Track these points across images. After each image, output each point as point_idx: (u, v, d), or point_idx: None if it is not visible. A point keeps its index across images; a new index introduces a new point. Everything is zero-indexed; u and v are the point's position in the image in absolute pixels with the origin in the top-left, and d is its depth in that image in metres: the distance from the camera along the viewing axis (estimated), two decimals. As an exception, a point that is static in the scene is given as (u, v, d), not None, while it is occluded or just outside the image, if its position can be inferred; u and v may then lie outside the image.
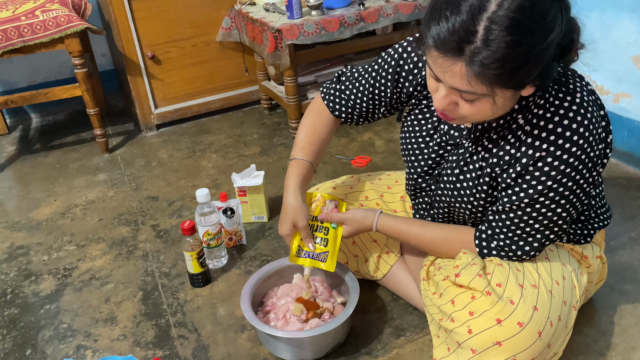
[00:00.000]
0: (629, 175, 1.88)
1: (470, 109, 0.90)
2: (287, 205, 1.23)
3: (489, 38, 0.79)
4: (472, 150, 1.07)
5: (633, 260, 1.48)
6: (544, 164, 0.96)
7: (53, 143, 2.47)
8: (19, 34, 1.96)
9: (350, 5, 2.23)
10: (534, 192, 0.99)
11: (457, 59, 0.83)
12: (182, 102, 2.51)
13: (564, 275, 1.09)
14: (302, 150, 1.27)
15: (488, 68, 0.81)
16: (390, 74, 1.18)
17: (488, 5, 0.79)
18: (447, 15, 0.81)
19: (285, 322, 1.25)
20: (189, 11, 2.35)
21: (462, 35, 0.80)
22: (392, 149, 2.19)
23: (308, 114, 1.32)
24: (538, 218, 1.02)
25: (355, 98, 1.25)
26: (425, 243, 1.19)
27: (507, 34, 0.79)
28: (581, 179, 0.97)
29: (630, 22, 1.81)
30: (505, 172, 1.02)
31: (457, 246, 1.14)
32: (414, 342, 1.28)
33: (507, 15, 0.79)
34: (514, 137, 0.99)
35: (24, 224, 1.86)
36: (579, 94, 0.96)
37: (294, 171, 1.25)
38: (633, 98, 1.89)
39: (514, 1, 0.79)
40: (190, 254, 1.44)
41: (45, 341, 1.37)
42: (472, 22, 0.80)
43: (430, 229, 1.19)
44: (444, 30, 0.81)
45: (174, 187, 2.03)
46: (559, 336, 1.04)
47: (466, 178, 1.09)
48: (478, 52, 0.80)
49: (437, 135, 1.15)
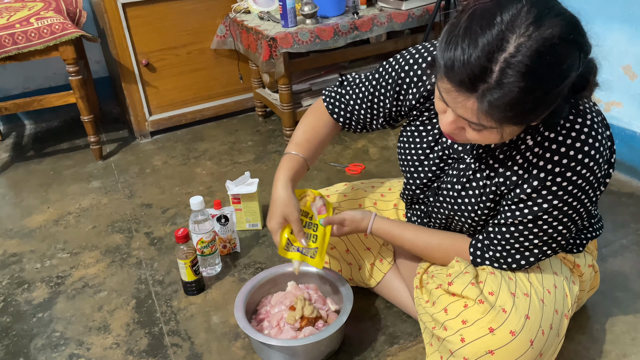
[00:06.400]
0: (621, 184, 1.89)
1: (476, 135, 0.89)
2: (278, 198, 1.18)
3: (503, 81, 0.77)
4: (475, 168, 1.07)
5: (625, 268, 1.49)
6: (553, 184, 0.96)
7: (47, 150, 2.46)
8: (13, 42, 1.96)
9: (345, 14, 2.24)
10: (539, 210, 0.99)
11: (469, 95, 0.81)
12: (177, 110, 2.51)
13: (556, 284, 1.10)
14: (297, 145, 1.24)
15: (498, 109, 0.80)
16: (391, 84, 1.16)
17: (507, 46, 0.76)
18: (463, 47, 0.78)
19: (279, 330, 1.25)
20: (183, 19, 2.35)
21: (477, 72, 0.78)
22: (386, 156, 2.20)
23: (308, 114, 1.31)
24: (539, 234, 1.02)
25: (355, 104, 1.24)
26: (418, 248, 1.19)
27: (522, 79, 0.76)
28: (586, 198, 0.98)
29: (620, 32, 1.84)
30: (512, 192, 1.01)
31: (450, 253, 1.15)
32: (407, 350, 1.28)
33: (523, 61, 0.76)
34: (522, 158, 0.98)
35: (17, 232, 1.86)
36: (589, 115, 0.95)
37: (287, 165, 1.21)
38: (624, 107, 1.91)
39: (532, 45, 0.76)
40: (184, 261, 1.44)
41: (38, 350, 1.36)
42: (488, 62, 0.77)
43: (424, 234, 1.19)
44: (460, 65, 0.79)
45: (168, 195, 2.02)
46: (551, 345, 1.04)
47: (468, 194, 1.08)
48: (489, 92, 0.78)
49: (438, 147, 1.14)
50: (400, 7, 2.23)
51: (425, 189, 1.20)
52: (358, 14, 2.19)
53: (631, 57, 1.83)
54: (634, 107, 1.88)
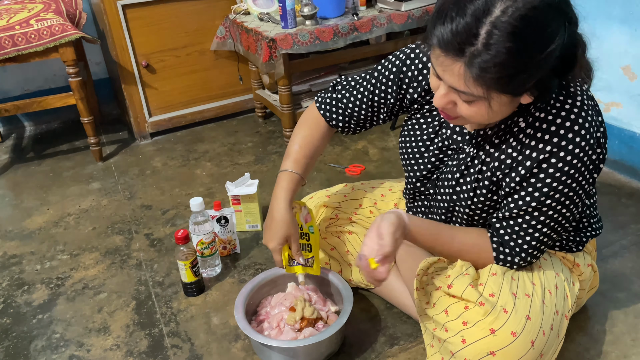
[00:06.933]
0: (620, 184, 1.89)
1: (467, 109, 0.91)
2: (280, 220, 1.21)
3: (490, 42, 0.81)
4: (473, 155, 1.08)
5: (624, 268, 1.49)
6: (548, 165, 0.97)
7: (47, 152, 2.46)
8: (13, 43, 1.97)
9: (344, 15, 2.24)
10: (540, 195, 1.00)
11: (457, 59, 0.84)
12: (177, 111, 2.51)
13: (557, 285, 1.10)
14: (296, 162, 1.25)
15: (485, 71, 0.83)
16: (392, 79, 1.18)
17: (493, 9, 0.81)
18: (452, 16, 0.83)
19: (279, 332, 1.25)
20: (183, 20, 2.35)
21: (464, 37, 0.82)
22: (386, 157, 2.20)
23: (303, 123, 1.31)
24: (546, 222, 1.03)
25: (354, 106, 1.25)
26: (454, 249, 1.13)
27: (507, 40, 0.80)
28: (583, 179, 0.99)
29: (620, 33, 1.84)
30: (508, 177, 1.02)
31: (482, 255, 1.12)
32: (407, 351, 1.28)
33: (509, 22, 0.80)
34: (515, 140, 1.01)
35: (17, 233, 1.86)
36: (580, 97, 0.97)
37: (286, 185, 1.23)
38: (623, 107, 1.91)
39: (518, 9, 0.80)
40: (184, 262, 1.44)
41: (38, 351, 1.36)
42: (475, 25, 0.81)
43: (460, 233, 1.13)
44: (448, 31, 0.83)
45: (167, 196, 2.02)
46: (551, 345, 1.04)
47: (465, 182, 1.10)
48: (477, 54, 0.82)
49: (438, 139, 1.15)
50: (400, 8, 2.23)
51: (425, 181, 1.20)
52: (358, 15, 2.19)
53: (631, 57, 1.83)
54: (633, 108, 1.88)
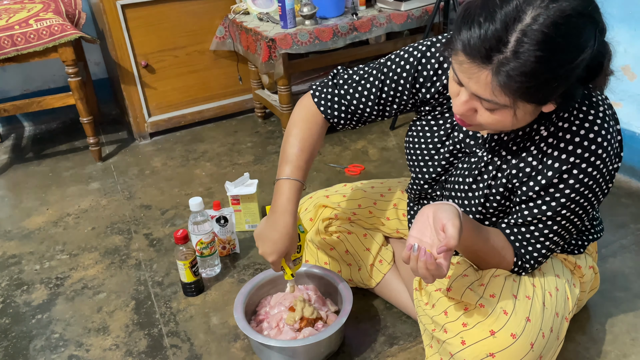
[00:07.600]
0: (620, 184, 1.89)
1: (488, 117, 0.88)
2: (286, 234, 1.14)
3: (519, 50, 0.78)
4: (487, 160, 1.06)
5: (624, 268, 1.49)
6: (569, 176, 0.95)
7: (46, 152, 2.46)
8: (12, 43, 1.96)
9: (344, 15, 2.24)
10: (557, 205, 0.99)
11: (484, 66, 0.81)
12: (176, 111, 2.51)
13: (558, 287, 1.09)
14: (298, 169, 1.16)
15: (514, 80, 0.80)
16: (405, 77, 1.12)
17: (523, 16, 0.78)
18: (480, 21, 0.79)
19: (279, 331, 1.24)
20: (183, 20, 2.35)
21: (493, 43, 0.79)
22: (385, 157, 2.20)
23: (299, 121, 1.20)
24: (558, 230, 1.03)
25: (359, 103, 1.17)
26: (486, 248, 1.06)
27: (538, 48, 0.77)
28: (599, 191, 0.98)
29: (620, 32, 1.84)
30: (525, 185, 1.00)
31: (503, 262, 1.08)
32: (407, 351, 1.28)
33: (540, 30, 0.77)
34: (536, 149, 0.98)
35: (16, 233, 1.85)
36: (602, 107, 0.96)
37: (292, 197, 1.14)
38: (623, 107, 1.91)
39: (549, 17, 0.77)
40: (184, 262, 1.44)
41: (37, 351, 1.36)
42: (505, 32, 0.78)
43: (492, 234, 1.06)
44: (475, 36, 0.80)
45: (167, 196, 2.02)
46: (551, 347, 1.04)
47: (479, 187, 1.07)
48: (506, 62, 0.79)
49: (449, 142, 1.12)
50: (400, 8, 2.23)
51: (433, 184, 1.18)
52: (357, 14, 2.19)
53: (630, 57, 1.83)
54: (633, 108, 1.88)
